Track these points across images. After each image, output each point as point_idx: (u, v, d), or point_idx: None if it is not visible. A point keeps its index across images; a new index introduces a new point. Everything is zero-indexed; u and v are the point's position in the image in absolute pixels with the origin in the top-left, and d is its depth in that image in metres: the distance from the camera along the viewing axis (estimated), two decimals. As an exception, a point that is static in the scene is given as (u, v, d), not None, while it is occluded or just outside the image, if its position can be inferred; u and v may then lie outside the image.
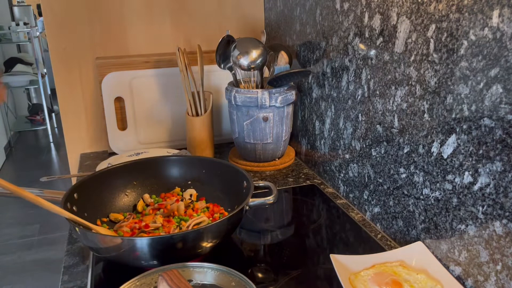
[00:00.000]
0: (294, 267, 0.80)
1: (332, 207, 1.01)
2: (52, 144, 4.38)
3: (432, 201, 0.73)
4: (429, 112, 0.71)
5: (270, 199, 0.82)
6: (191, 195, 0.96)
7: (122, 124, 1.33)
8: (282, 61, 1.19)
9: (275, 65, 1.20)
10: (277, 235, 0.92)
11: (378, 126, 0.86)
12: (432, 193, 0.73)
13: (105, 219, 0.88)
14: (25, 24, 4.48)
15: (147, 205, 0.94)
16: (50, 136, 4.43)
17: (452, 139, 0.67)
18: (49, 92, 4.76)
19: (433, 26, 0.68)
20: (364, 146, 0.92)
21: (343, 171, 1.03)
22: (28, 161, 3.97)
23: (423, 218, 0.76)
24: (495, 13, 0.56)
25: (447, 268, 0.71)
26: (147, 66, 1.30)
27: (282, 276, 0.77)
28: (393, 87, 0.80)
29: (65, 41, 1.27)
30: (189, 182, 0.98)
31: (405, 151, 0.79)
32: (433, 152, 0.71)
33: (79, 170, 1.25)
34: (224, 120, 1.42)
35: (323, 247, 0.87)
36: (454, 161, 0.67)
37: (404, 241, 0.82)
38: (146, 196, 0.95)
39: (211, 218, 0.88)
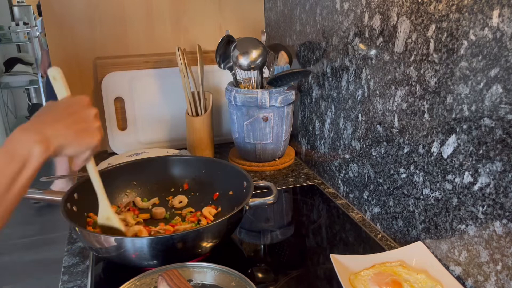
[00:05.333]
0: (294, 267, 0.80)
1: (332, 207, 1.01)
2: (52, 144, 4.37)
3: (432, 201, 0.73)
4: (429, 112, 0.71)
5: (270, 199, 0.82)
6: (180, 202, 0.95)
7: (122, 124, 1.32)
8: (282, 61, 1.19)
9: (275, 65, 1.20)
10: (277, 235, 0.91)
11: (378, 126, 0.86)
12: (432, 193, 0.73)
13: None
14: (25, 24, 4.47)
15: (139, 208, 0.93)
16: (50, 136, 4.42)
17: (452, 139, 0.67)
18: (49, 92, 4.75)
19: (433, 26, 0.68)
20: (364, 146, 0.92)
21: (343, 171, 1.03)
22: (28, 161, 3.96)
23: (423, 218, 0.76)
24: (495, 13, 0.56)
25: (447, 268, 0.71)
26: (147, 66, 1.29)
27: (282, 276, 0.77)
28: (393, 87, 0.80)
29: (65, 41, 1.27)
30: (188, 182, 0.98)
31: (405, 151, 0.79)
32: (433, 152, 0.71)
33: (79, 170, 1.25)
34: (224, 120, 1.42)
35: (323, 247, 0.87)
36: (454, 161, 0.67)
37: (404, 241, 0.82)
38: (138, 199, 0.95)
39: (195, 223, 0.87)
